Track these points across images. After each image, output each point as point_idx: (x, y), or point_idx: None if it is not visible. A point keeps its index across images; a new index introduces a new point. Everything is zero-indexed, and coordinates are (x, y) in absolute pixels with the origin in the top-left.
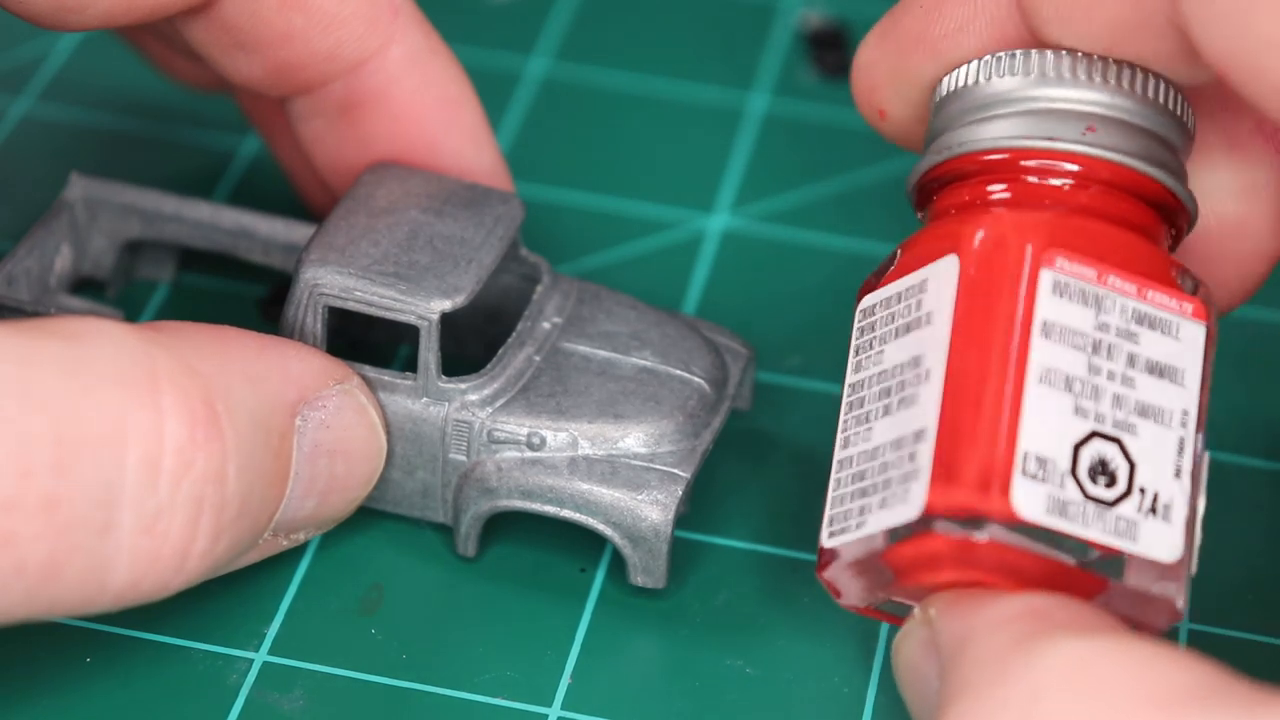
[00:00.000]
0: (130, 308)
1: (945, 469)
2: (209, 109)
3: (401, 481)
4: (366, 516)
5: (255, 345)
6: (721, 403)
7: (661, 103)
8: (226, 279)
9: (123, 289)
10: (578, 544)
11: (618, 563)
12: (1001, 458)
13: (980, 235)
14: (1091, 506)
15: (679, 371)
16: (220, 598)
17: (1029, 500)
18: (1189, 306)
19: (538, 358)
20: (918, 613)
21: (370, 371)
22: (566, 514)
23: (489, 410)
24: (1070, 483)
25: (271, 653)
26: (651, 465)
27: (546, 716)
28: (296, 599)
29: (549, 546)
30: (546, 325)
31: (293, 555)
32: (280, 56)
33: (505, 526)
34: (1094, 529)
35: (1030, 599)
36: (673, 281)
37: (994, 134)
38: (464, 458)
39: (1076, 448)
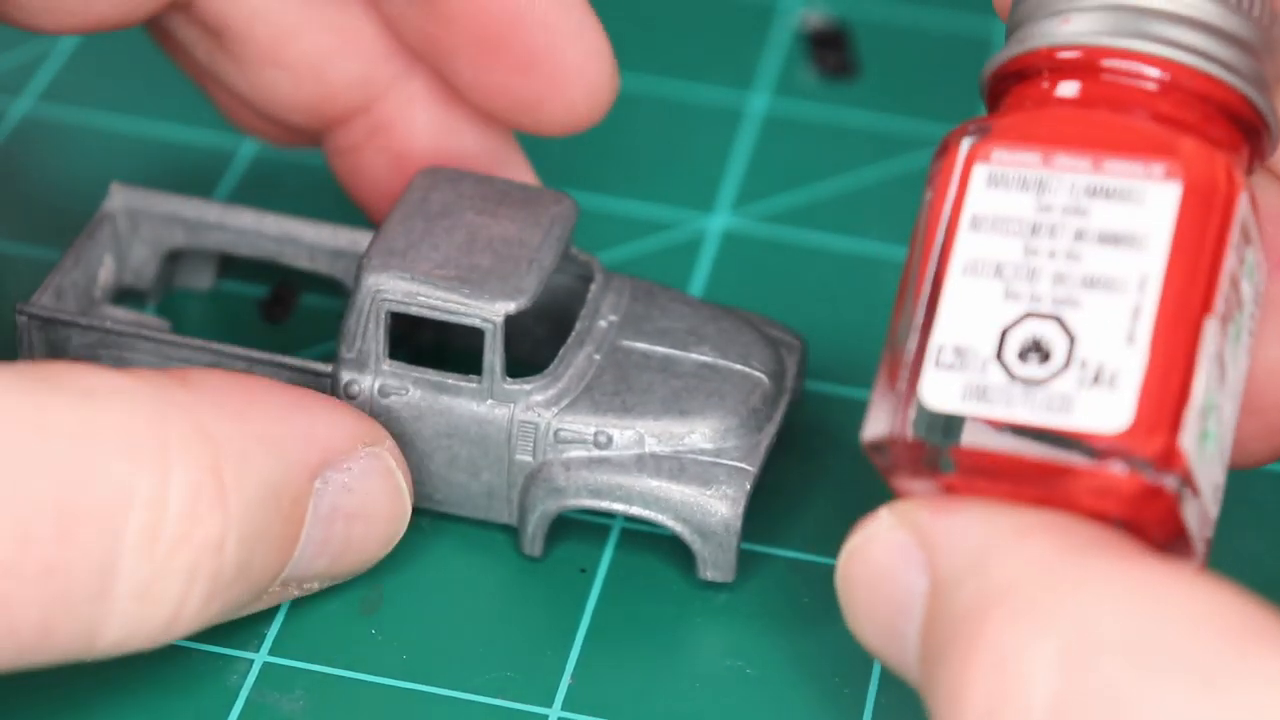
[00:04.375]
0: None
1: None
2: (209, 109)
3: (467, 484)
4: None
5: (283, 405)
6: (781, 395)
7: (661, 103)
8: (227, 280)
9: (162, 299)
10: (578, 544)
11: (617, 563)
12: (914, 360)
13: (964, 143)
14: (1019, 387)
15: (739, 366)
16: None
17: (937, 390)
18: (1158, 169)
19: (598, 356)
20: (888, 516)
21: (434, 375)
22: (635, 511)
23: (554, 410)
24: (994, 367)
25: (271, 653)
26: (718, 460)
27: (546, 717)
28: (296, 599)
29: (549, 547)
30: (604, 324)
31: None
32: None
33: (506, 527)
34: (1019, 408)
35: (1044, 514)
36: (673, 281)
37: (1075, 30)
38: (530, 458)
39: (1004, 332)
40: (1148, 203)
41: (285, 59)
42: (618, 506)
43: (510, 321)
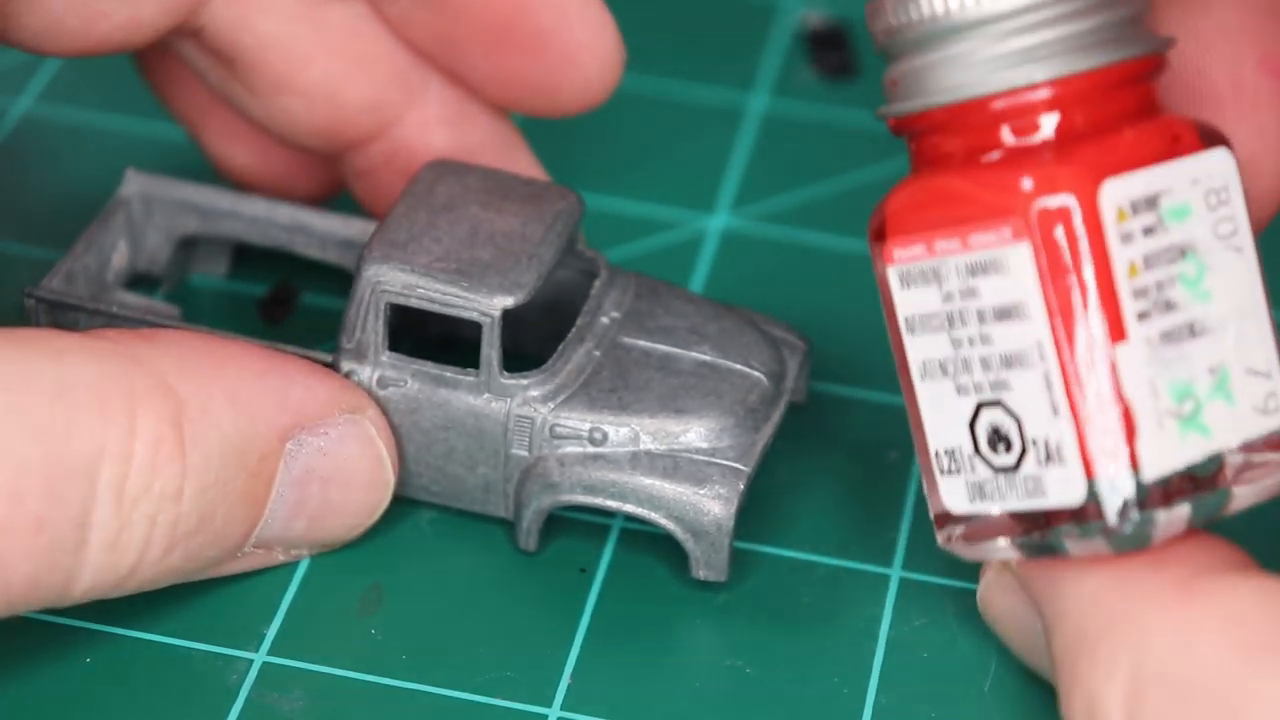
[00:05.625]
0: (180, 304)
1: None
2: None
3: (463, 477)
4: None
5: (256, 366)
6: (780, 396)
7: (661, 103)
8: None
9: (177, 285)
10: (578, 544)
11: (617, 563)
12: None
13: (874, 247)
14: (1001, 478)
15: (739, 366)
16: (220, 598)
17: (952, 496)
18: (1007, 231)
19: (598, 353)
20: (996, 564)
21: (432, 368)
22: (629, 508)
23: (551, 405)
24: (978, 463)
25: (271, 653)
26: (713, 460)
27: (546, 717)
28: (296, 599)
29: (549, 547)
30: (605, 320)
31: None
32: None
33: (506, 527)
34: (1010, 499)
35: (1118, 564)
36: (673, 281)
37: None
38: (526, 453)
39: (971, 427)
40: (1012, 268)
41: (298, 85)
42: (611, 504)
43: (517, 317)
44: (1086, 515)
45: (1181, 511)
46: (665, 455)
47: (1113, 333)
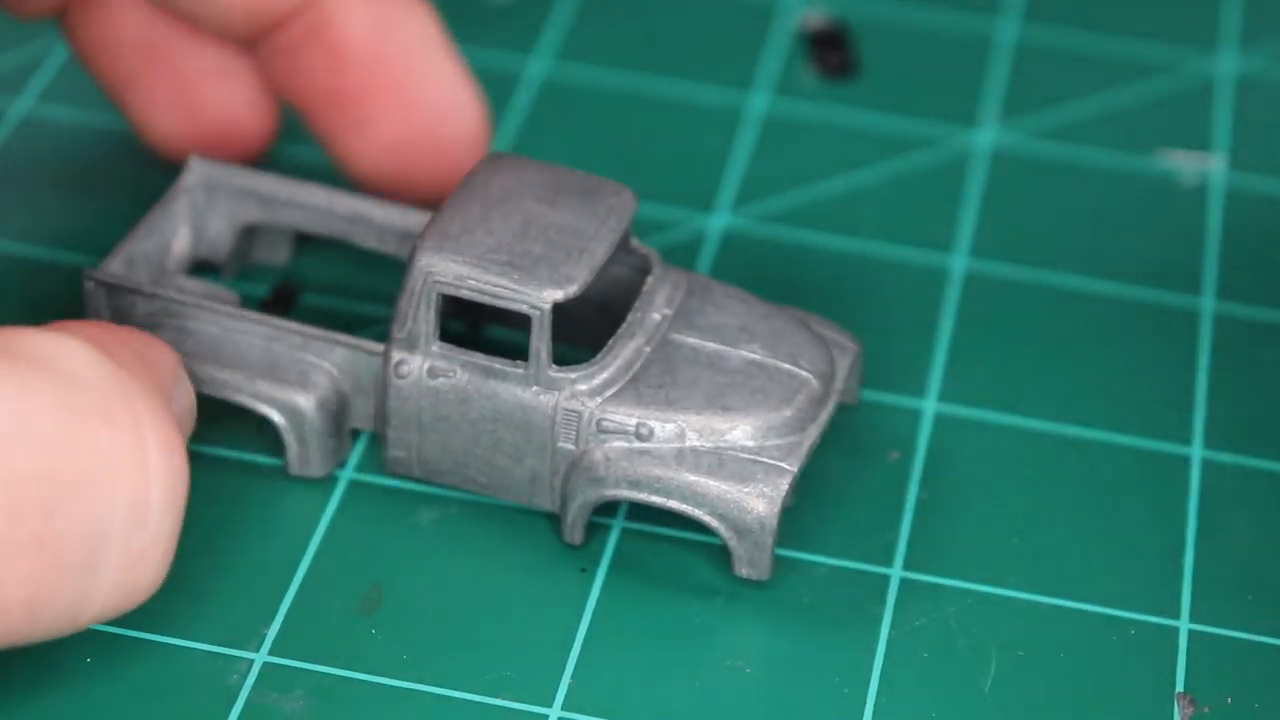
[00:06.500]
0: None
1: None
2: None
3: (510, 469)
4: (364, 516)
5: (153, 348)
6: (828, 397)
7: (661, 103)
8: (227, 279)
9: (237, 272)
10: (578, 544)
11: (617, 563)
12: None
13: None
14: None
15: (787, 365)
16: (220, 598)
17: None
18: None
19: (647, 349)
20: None
21: (482, 359)
22: (673, 504)
23: (598, 400)
24: None
25: (271, 653)
26: (758, 458)
27: (546, 717)
28: (296, 599)
29: (550, 546)
30: (656, 316)
31: (293, 555)
32: None
33: (507, 527)
34: None
35: None
36: None
37: None
38: (572, 446)
39: None
40: None
41: None
42: (655, 499)
43: (569, 311)
44: None
45: None
46: (711, 452)
47: None
